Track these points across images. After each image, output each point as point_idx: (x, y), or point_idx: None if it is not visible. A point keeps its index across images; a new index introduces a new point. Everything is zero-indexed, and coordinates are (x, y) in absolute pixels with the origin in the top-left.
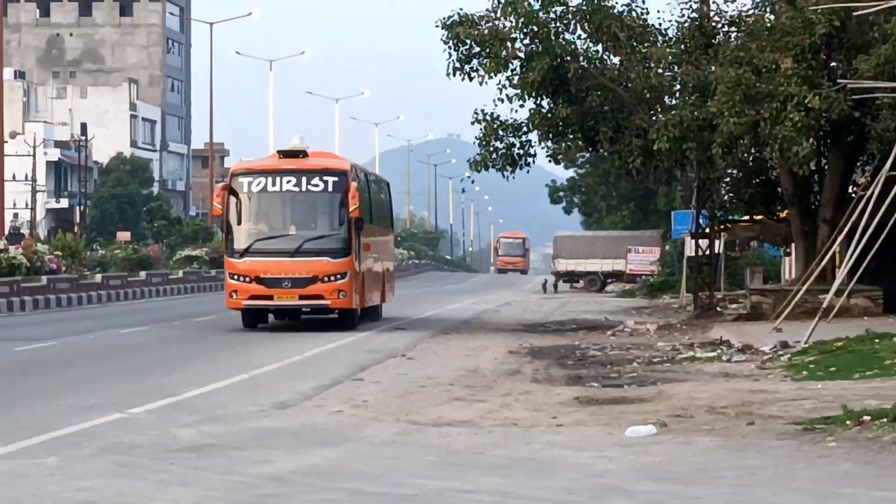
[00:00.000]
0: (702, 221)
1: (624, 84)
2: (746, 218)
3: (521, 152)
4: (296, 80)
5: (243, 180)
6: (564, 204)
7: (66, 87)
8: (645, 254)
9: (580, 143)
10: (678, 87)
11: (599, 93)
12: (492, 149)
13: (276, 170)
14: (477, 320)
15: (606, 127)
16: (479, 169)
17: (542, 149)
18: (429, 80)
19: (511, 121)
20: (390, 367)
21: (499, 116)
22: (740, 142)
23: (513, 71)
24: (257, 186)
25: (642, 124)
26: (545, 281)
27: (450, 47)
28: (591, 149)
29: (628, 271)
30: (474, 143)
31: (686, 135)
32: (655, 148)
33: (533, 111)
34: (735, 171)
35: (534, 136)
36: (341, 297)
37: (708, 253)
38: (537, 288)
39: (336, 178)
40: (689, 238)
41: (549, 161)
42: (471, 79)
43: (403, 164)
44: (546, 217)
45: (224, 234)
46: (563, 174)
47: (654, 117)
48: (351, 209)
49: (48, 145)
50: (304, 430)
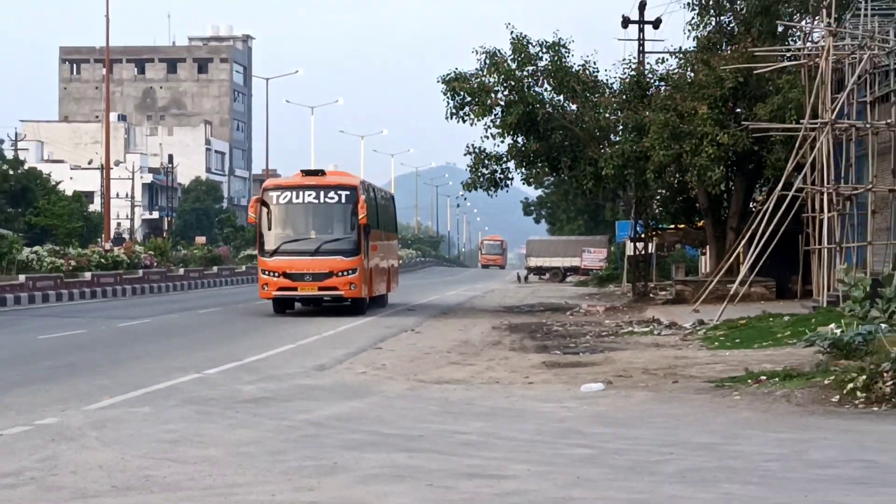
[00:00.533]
0: (638, 229)
1: (579, 125)
2: (672, 226)
3: (502, 176)
4: (332, 120)
5: (273, 194)
6: (534, 215)
7: (157, 127)
8: (595, 253)
9: (546, 169)
10: (621, 127)
11: (561, 132)
12: (479, 174)
13: (299, 185)
14: (468, 304)
15: (566, 157)
16: (470, 189)
17: (518, 174)
18: (432, 121)
19: (494, 153)
20: (402, 339)
21: (485, 149)
22: (668, 169)
23: (495, 115)
24: (284, 199)
25: (594, 156)
26: (519, 274)
27: (448, 97)
28: (554, 174)
29: (583, 266)
30: (466, 169)
31: (627, 163)
32: (603, 173)
33: (511, 146)
34: (664, 191)
35: (511, 165)
36: (352, 288)
37: (643, 252)
38: (514, 279)
39: (348, 192)
40: (629, 241)
41: (523, 183)
42: (464, 121)
43: (412, 186)
44: (520, 226)
45: (257, 237)
46: (533, 193)
47: (602, 150)
48: (360, 217)
49: (143, 171)
50: (336, 386)
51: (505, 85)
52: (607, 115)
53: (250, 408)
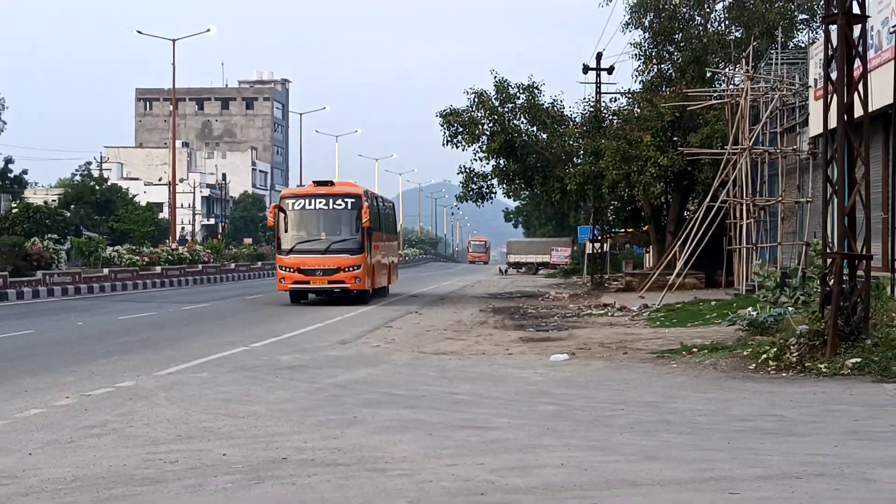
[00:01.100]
0: (596, 232)
1: (549, 150)
2: (623, 230)
3: (487, 191)
4: (352, 146)
5: (289, 201)
6: (513, 222)
7: (213, 152)
8: (562, 251)
9: (522, 185)
10: (582, 152)
11: (534, 156)
12: (469, 189)
13: (311, 194)
14: (460, 292)
15: (538, 176)
16: (462, 200)
17: (500, 189)
18: (432, 147)
19: (481, 172)
20: (408, 320)
21: (474, 170)
22: (619, 185)
23: (482, 143)
24: (298, 205)
25: (560, 174)
26: (500, 268)
27: (444, 128)
28: (529, 189)
29: (552, 262)
30: (459, 185)
31: (586, 181)
32: (568, 188)
33: (494, 167)
34: (616, 203)
35: (495, 182)
36: (357, 282)
37: (599, 251)
38: (496, 272)
39: (353, 199)
40: (588, 242)
41: (504, 196)
42: (457, 147)
43: (416, 198)
44: (502, 230)
45: (275, 238)
46: (512, 204)
47: (567, 170)
48: (363, 221)
49: (202, 187)
50: (356, 356)
51: (490, 118)
52: (571, 142)
53: (287, 373)
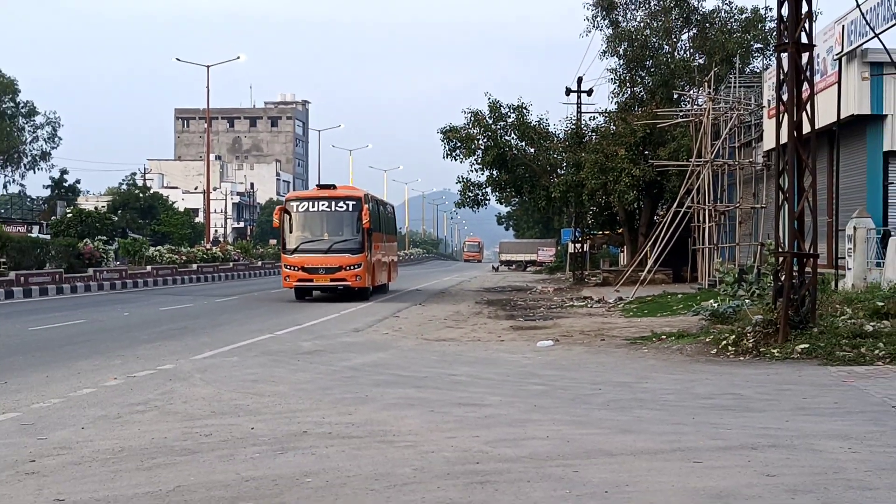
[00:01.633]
0: (577, 234)
1: (536, 163)
2: (601, 232)
3: (482, 198)
4: (364, 159)
5: (293, 203)
6: (504, 225)
7: (242, 164)
8: (547, 251)
9: (513, 193)
10: (564, 164)
11: (523, 167)
12: (466, 196)
13: (315, 197)
14: (458, 286)
15: (527, 185)
16: (460, 206)
17: (493, 196)
18: (434, 159)
19: (476, 182)
20: (413, 311)
21: (470, 179)
22: (597, 193)
23: (477, 156)
24: (302, 208)
25: (546, 184)
26: (493, 265)
27: (444, 143)
28: (518, 196)
29: (538, 260)
30: (457, 193)
31: (569, 189)
32: (553, 196)
33: (488, 177)
34: (595, 208)
35: (489, 190)
36: (358, 280)
37: (580, 250)
38: (490, 269)
39: (354, 202)
40: (570, 243)
41: (497, 202)
42: (455, 159)
43: (420, 205)
44: (495, 232)
45: (280, 238)
46: (504, 209)
47: (552, 180)
48: (364, 222)
49: (233, 195)
50: (368, 342)
51: (484, 135)
52: (555, 155)
53: (307, 357)
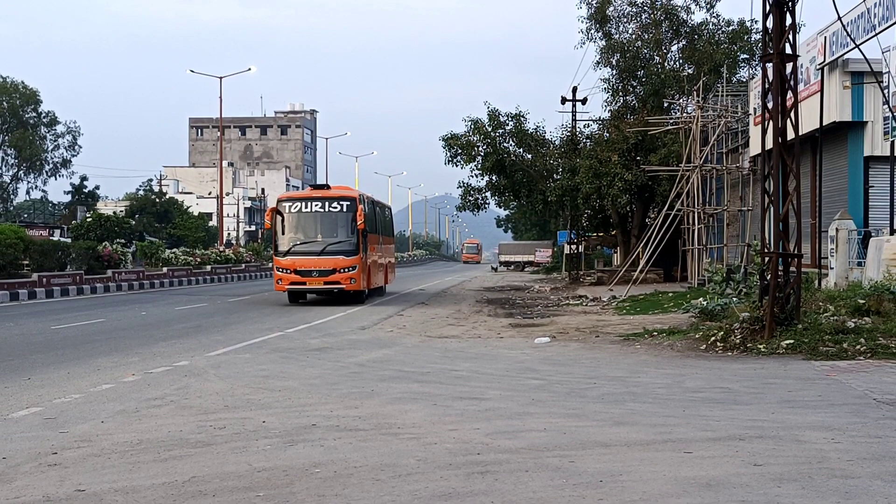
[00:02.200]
0: (572, 236)
1: (533, 168)
2: (595, 234)
3: (482, 202)
4: (369, 165)
5: (286, 204)
6: (503, 227)
7: (254, 171)
8: (544, 252)
9: (511, 197)
10: (560, 169)
11: (521, 172)
12: (467, 200)
13: (308, 197)
14: (459, 286)
15: (524, 189)
16: (461, 210)
17: (493, 200)
18: (436, 165)
19: (477, 186)
20: (416, 309)
21: (471, 184)
22: (591, 197)
23: (477, 162)
24: (295, 208)
25: (542, 188)
26: (493, 266)
27: (446, 149)
28: (516, 200)
29: (536, 261)
30: (458, 197)
31: (564, 193)
32: (549, 200)
33: (488, 182)
34: (589, 211)
35: (488, 194)
36: (352, 282)
37: (576, 251)
38: (490, 270)
39: (348, 203)
40: (566, 244)
41: (497, 206)
42: (456, 165)
43: (423, 208)
44: (494, 234)
45: (273, 240)
46: (503, 213)
47: (548, 185)
48: (359, 223)
49: (245, 200)
50: (373, 340)
51: (483, 142)
52: (551, 161)
53: (316, 354)
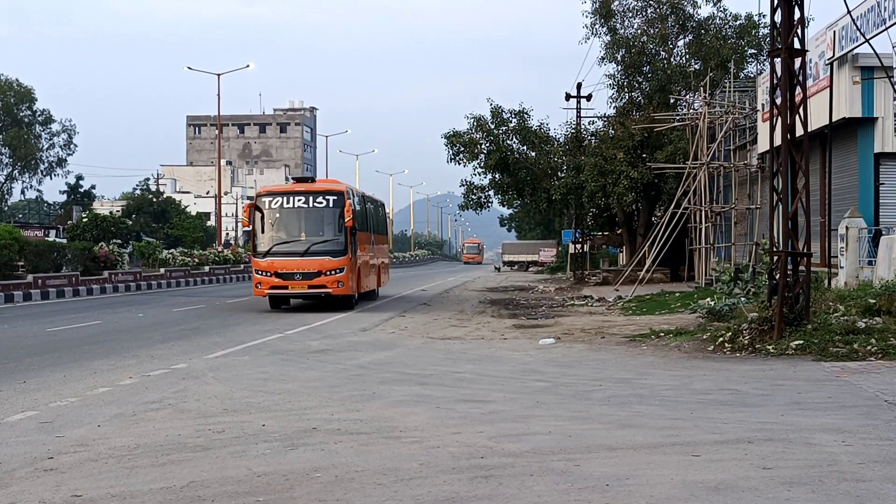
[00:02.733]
0: (577, 235)
1: (537, 166)
2: (600, 233)
3: (485, 201)
4: (370, 164)
5: (266, 199)
6: (507, 227)
7: (252, 169)
8: (548, 252)
9: (515, 195)
10: (565, 167)
11: (525, 170)
12: (470, 199)
13: (290, 191)
14: (462, 286)
15: (528, 188)
16: (464, 209)
17: (496, 199)
18: (438, 163)
19: (479, 185)
20: (418, 310)
21: (473, 183)
22: (597, 195)
23: (480, 160)
24: (276, 204)
25: (547, 187)
26: (496, 266)
27: (448, 147)
28: (520, 199)
29: (540, 261)
30: (461, 196)
31: (569, 192)
32: (553, 198)
33: (491, 180)
34: (594, 210)
35: (491, 193)
36: (339, 286)
37: (581, 251)
38: (493, 270)
39: (335, 197)
40: (571, 243)
41: (500, 205)
42: (459, 163)
43: (425, 207)
44: (498, 233)
45: (251, 240)
46: (506, 211)
47: (553, 183)
48: (346, 220)
49: (244, 199)
50: (375, 341)
51: (486, 139)
52: (556, 159)
53: (316, 356)
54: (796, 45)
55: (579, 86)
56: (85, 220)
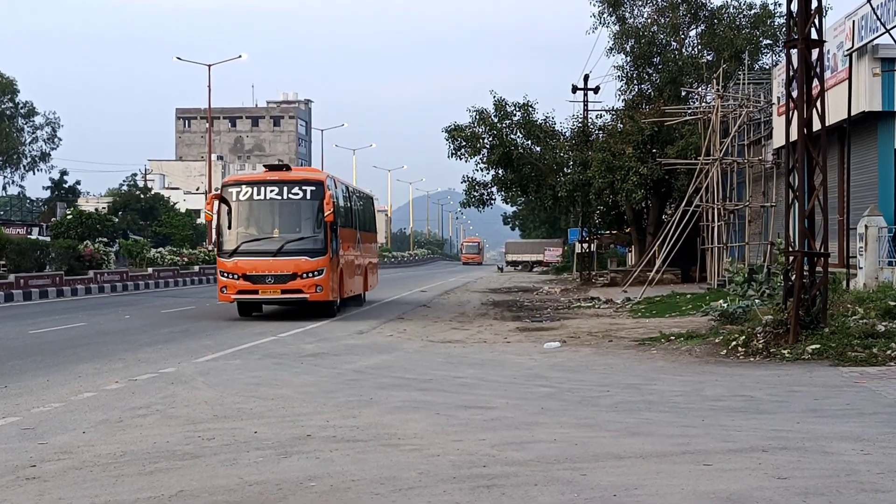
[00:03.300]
0: (584, 234)
1: (542, 161)
2: (608, 232)
3: (487, 198)
4: (367, 159)
5: (232, 190)
6: (510, 225)
7: (244, 164)
8: (554, 251)
9: (519, 192)
10: (571, 163)
11: (529, 166)
12: (472, 196)
13: (261, 181)
14: (464, 287)
15: (533, 184)
16: (466, 206)
17: (499, 196)
18: (438, 158)
19: (482, 181)
20: (417, 312)
21: (475, 179)
22: (604, 192)
23: (483, 155)
24: (244, 195)
25: (552, 183)
26: (499, 265)
27: (449, 142)
28: (524, 195)
29: (545, 260)
30: (462, 192)
31: (575, 188)
32: (559, 195)
33: (494, 176)
34: (602, 207)
35: (494, 189)
36: (318, 290)
37: (587, 250)
38: (495, 270)
39: (314, 188)
40: (577, 243)
41: (503, 202)
42: (460, 158)
43: (425, 205)
44: (501, 232)
45: (216, 236)
46: (509, 209)
47: (558, 179)
48: (326, 214)
49: None
50: (372, 345)
51: (489, 133)
52: (562, 154)
53: (311, 360)
54: (813, 35)
55: (586, 78)
56: (69, 217)
